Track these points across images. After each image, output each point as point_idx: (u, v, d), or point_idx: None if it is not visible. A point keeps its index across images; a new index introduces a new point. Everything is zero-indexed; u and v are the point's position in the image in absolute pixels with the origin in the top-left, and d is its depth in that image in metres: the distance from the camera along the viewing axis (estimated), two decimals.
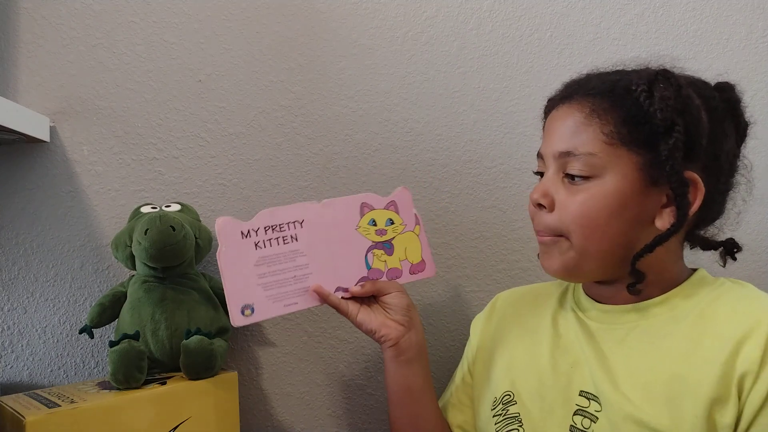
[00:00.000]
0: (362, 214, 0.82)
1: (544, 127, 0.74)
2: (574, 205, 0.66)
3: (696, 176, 0.64)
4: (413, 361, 0.80)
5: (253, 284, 0.76)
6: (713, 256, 0.76)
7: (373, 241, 0.82)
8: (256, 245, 0.76)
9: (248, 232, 0.76)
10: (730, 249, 0.75)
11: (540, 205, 0.69)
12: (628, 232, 0.65)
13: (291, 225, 0.79)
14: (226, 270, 0.75)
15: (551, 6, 1.03)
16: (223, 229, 0.75)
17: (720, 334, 0.61)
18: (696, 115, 0.64)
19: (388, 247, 0.82)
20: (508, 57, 1.02)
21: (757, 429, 0.58)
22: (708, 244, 0.75)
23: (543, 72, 1.02)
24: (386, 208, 0.83)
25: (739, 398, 0.58)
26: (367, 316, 0.79)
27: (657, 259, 0.66)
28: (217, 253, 0.75)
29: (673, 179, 0.63)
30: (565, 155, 0.67)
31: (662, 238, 0.64)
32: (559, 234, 0.68)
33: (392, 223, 0.83)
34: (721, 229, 0.73)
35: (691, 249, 0.75)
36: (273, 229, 0.77)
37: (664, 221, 0.65)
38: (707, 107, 0.66)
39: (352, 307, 0.79)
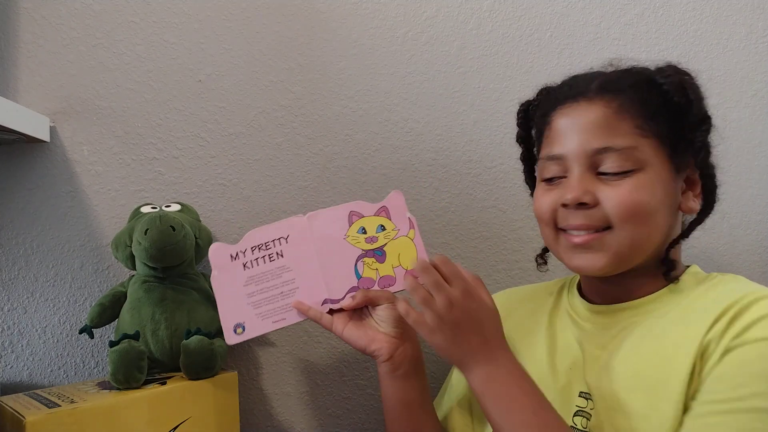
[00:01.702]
0: (351, 223, 0.80)
1: (547, 128, 0.72)
2: (622, 196, 0.65)
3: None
4: (409, 375, 0.77)
5: (244, 304, 0.78)
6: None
7: (363, 250, 0.80)
8: (244, 266, 0.78)
9: (236, 254, 0.79)
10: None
11: (581, 204, 0.67)
12: (668, 219, 0.68)
13: (276, 242, 0.79)
14: (219, 293, 0.78)
15: (551, 6, 1.03)
16: (214, 254, 0.78)
17: (703, 314, 0.62)
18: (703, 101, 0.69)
19: (379, 254, 0.80)
20: (508, 57, 1.02)
21: (702, 391, 0.59)
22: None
23: (543, 72, 1.02)
24: (377, 214, 0.81)
25: (702, 369, 0.60)
26: (355, 331, 0.77)
27: (672, 250, 0.69)
28: (210, 278, 0.78)
29: (705, 165, 0.67)
30: (602, 151, 0.66)
31: (697, 222, 0.68)
32: (605, 227, 0.66)
33: (384, 229, 0.80)
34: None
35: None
36: (259, 249, 0.79)
37: (689, 206, 0.68)
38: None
39: (337, 321, 0.77)
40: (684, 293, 0.68)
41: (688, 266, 0.72)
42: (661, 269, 0.68)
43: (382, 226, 0.80)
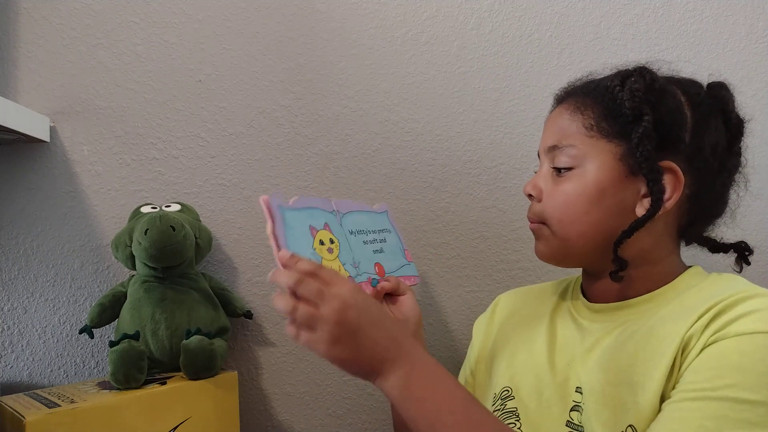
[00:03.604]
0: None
1: None
2: (558, 194, 0.70)
3: (674, 166, 0.66)
4: None
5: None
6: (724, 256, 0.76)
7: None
8: None
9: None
10: (741, 252, 0.76)
11: (531, 196, 0.73)
12: (608, 220, 0.68)
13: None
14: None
15: (551, 6, 1.03)
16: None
17: (690, 311, 0.62)
18: (673, 107, 0.67)
19: None
20: (508, 57, 1.02)
21: (679, 382, 0.59)
22: (716, 247, 0.76)
23: (543, 72, 1.02)
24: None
25: (683, 364, 0.60)
26: None
27: (642, 249, 0.68)
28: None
29: (644, 166, 0.65)
30: (553, 149, 0.71)
31: (638, 223, 0.66)
32: (542, 221, 0.72)
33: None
34: (718, 227, 0.74)
35: (686, 245, 0.75)
36: None
37: (643, 209, 0.67)
38: (692, 103, 0.68)
39: None
40: (680, 292, 0.68)
41: (689, 266, 0.72)
42: (613, 267, 0.68)
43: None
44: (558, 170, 0.70)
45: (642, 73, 0.67)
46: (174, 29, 0.94)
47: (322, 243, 0.73)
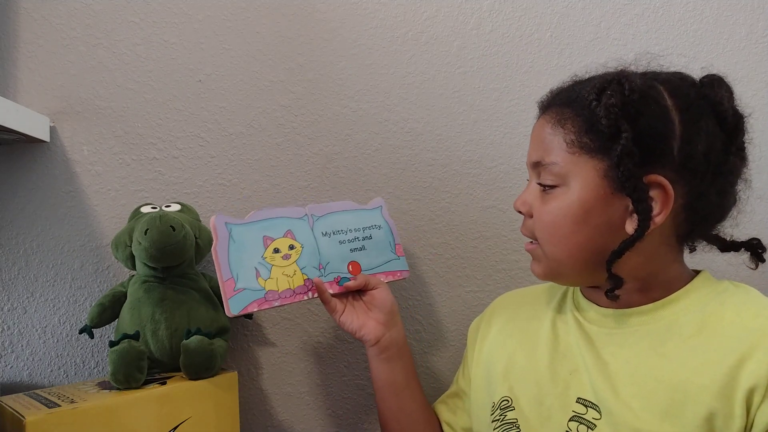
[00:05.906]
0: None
1: None
2: (544, 213, 0.68)
3: (662, 180, 0.62)
4: (393, 358, 0.84)
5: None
6: (713, 251, 0.75)
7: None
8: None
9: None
10: (754, 250, 0.73)
11: (521, 212, 0.72)
12: (597, 239, 0.65)
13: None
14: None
15: (551, 6, 1.03)
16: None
17: (724, 342, 0.61)
18: (658, 115, 0.63)
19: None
20: (508, 57, 1.02)
21: None
22: (726, 246, 0.73)
23: (543, 72, 1.02)
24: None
25: (748, 412, 0.58)
26: (349, 316, 0.82)
27: (638, 263, 0.65)
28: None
29: (626, 185, 0.62)
30: (537, 165, 0.69)
31: (627, 244, 0.63)
32: (535, 239, 0.71)
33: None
34: (719, 229, 0.71)
35: (690, 252, 0.73)
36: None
37: (632, 226, 0.63)
38: (680, 106, 0.63)
39: (339, 306, 0.82)
40: (694, 303, 0.66)
41: (698, 271, 0.70)
42: (608, 285, 0.65)
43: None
44: (543, 187, 0.68)
45: (620, 82, 0.62)
46: (174, 29, 0.94)
47: (277, 251, 0.81)
